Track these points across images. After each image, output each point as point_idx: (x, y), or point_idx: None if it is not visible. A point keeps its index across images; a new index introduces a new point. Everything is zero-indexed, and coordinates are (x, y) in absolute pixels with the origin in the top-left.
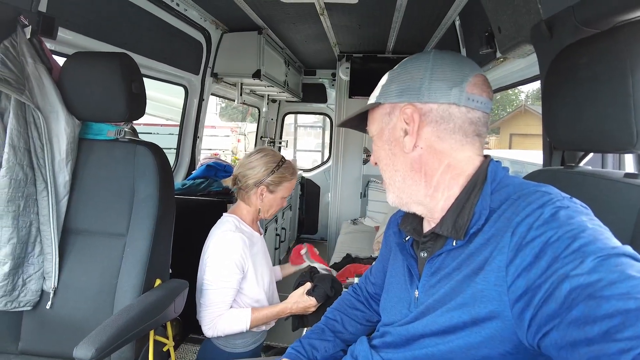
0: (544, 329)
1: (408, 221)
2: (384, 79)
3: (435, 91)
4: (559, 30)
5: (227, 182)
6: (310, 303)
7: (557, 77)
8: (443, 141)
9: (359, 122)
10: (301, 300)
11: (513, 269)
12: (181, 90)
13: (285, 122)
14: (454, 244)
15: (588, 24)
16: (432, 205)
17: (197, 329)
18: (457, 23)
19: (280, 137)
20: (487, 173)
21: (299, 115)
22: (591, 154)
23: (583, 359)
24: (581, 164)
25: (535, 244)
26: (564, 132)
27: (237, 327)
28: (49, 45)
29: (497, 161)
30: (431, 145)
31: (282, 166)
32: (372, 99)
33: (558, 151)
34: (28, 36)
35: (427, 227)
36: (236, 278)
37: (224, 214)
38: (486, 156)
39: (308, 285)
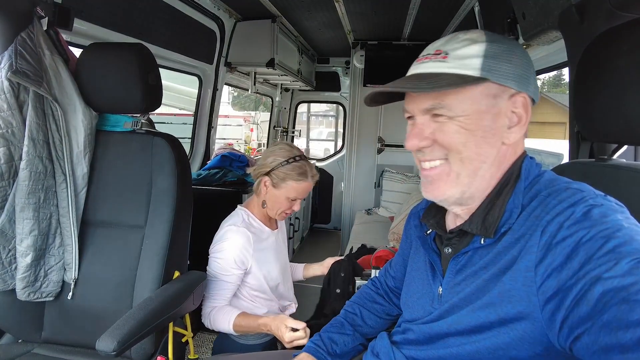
0: (576, 332)
1: (431, 214)
2: (476, 48)
3: (534, 84)
4: (591, 15)
5: (250, 169)
6: (284, 339)
7: (592, 64)
8: (523, 137)
9: (389, 97)
10: (283, 330)
11: (542, 269)
12: (194, 79)
13: (297, 110)
14: (482, 241)
15: (624, 8)
16: (479, 202)
17: None
18: (477, 9)
19: (293, 126)
20: (520, 169)
21: (311, 104)
22: (625, 147)
23: None
24: (614, 157)
25: (566, 244)
26: (598, 122)
27: (221, 326)
28: (64, 36)
29: (531, 157)
30: (517, 141)
31: (292, 163)
32: (467, 69)
33: (586, 142)
34: (45, 28)
35: (452, 221)
36: (235, 273)
37: (238, 206)
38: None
39: (301, 324)
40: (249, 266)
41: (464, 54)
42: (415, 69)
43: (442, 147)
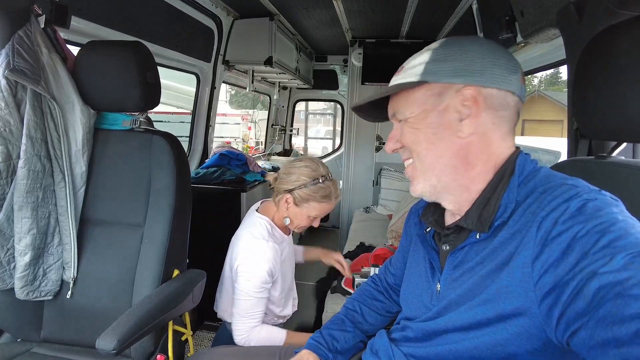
0: (573, 327)
1: (429, 212)
2: (424, 57)
3: (498, 76)
4: (589, 13)
5: (270, 177)
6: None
7: (591, 62)
8: (497, 129)
9: (373, 108)
10: None
11: (539, 264)
12: (191, 77)
13: (295, 109)
14: (478, 236)
15: (623, 6)
16: (464, 197)
17: (212, 316)
18: (475, 7)
19: (291, 125)
20: (515, 165)
21: (309, 102)
22: (624, 144)
23: None
24: (613, 155)
25: (562, 239)
26: (597, 120)
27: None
28: (62, 34)
29: (526, 153)
30: (485, 132)
31: (316, 184)
32: (411, 77)
33: (584, 140)
34: (42, 26)
35: (450, 219)
36: (268, 288)
37: (255, 213)
38: (516, 148)
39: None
40: (276, 278)
41: (411, 65)
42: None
43: (407, 147)
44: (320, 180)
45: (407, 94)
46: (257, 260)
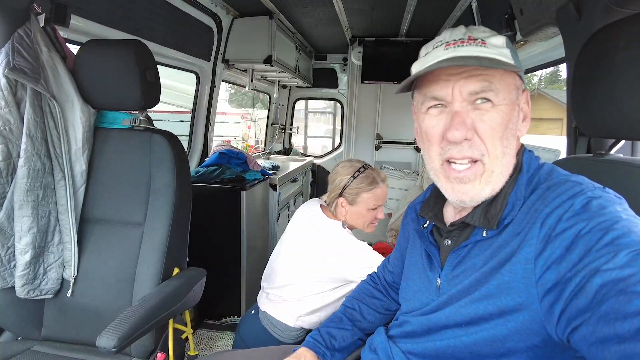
0: (574, 323)
1: (429, 207)
2: (501, 40)
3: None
4: (588, 11)
5: (323, 199)
6: None
7: (590, 60)
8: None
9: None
10: None
11: (542, 261)
12: (191, 76)
13: (295, 107)
14: (484, 234)
15: (621, 4)
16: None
17: (213, 314)
18: (474, 5)
19: (291, 123)
20: (522, 163)
21: (309, 101)
22: (622, 142)
23: (614, 357)
24: (611, 152)
25: (565, 236)
26: (596, 118)
27: None
28: (61, 33)
29: (530, 150)
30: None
31: (358, 176)
32: (504, 58)
33: (583, 138)
34: (42, 24)
35: (451, 214)
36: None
37: (333, 221)
38: (521, 144)
39: None
40: None
41: (497, 43)
42: (454, 51)
43: (481, 140)
44: (360, 171)
45: (500, 74)
46: (354, 242)
